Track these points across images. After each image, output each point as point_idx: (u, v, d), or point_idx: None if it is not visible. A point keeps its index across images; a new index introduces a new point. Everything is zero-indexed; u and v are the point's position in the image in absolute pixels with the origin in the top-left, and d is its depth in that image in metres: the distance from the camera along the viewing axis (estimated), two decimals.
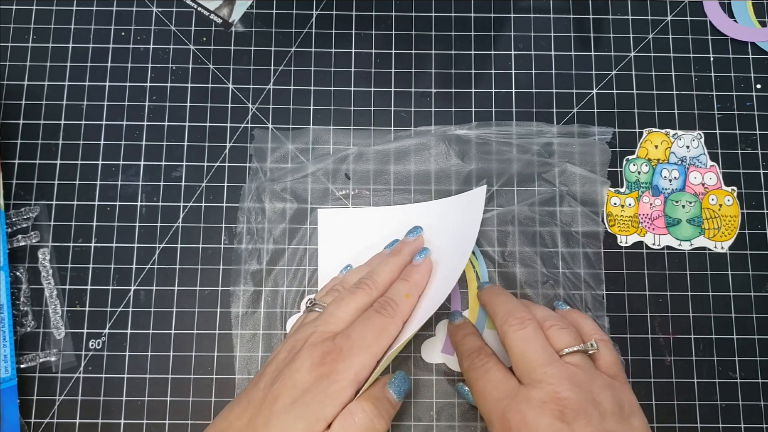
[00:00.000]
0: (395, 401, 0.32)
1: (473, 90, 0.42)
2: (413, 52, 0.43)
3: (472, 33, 0.43)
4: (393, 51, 0.43)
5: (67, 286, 0.39)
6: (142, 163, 0.41)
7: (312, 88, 0.42)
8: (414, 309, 0.34)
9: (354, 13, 0.43)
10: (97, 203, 0.40)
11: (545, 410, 0.29)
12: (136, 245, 0.40)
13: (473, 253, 0.39)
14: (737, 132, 0.42)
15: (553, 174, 0.41)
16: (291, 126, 0.41)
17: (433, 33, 0.43)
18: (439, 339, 0.38)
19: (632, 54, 0.43)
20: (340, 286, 0.36)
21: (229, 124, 0.41)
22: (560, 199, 0.40)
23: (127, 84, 0.42)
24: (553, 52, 0.43)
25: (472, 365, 0.33)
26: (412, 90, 0.42)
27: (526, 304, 0.35)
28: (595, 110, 0.42)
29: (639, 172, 0.41)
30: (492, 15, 0.43)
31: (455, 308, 0.39)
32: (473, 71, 0.43)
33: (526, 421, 0.29)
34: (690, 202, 0.41)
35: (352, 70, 0.42)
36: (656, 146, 0.42)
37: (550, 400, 0.29)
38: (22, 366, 0.38)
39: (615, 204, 0.41)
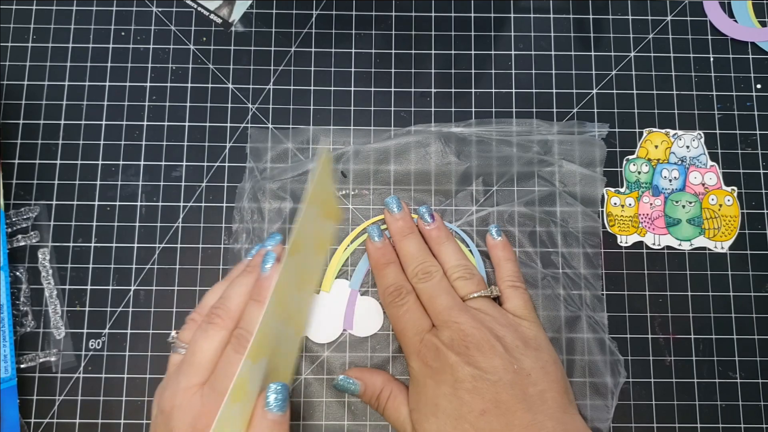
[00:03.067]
0: (280, 417, 0.30)
1: (473, 90, 0.42)
2: (413, 52, 0.43)
3: (472, 33, 0.43)
4: (393, 51, 0.43)
5: (67, 286, 0.39)
6: (142, 163, 0.41)
7: (312, 88, 0.42)
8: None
9: (354, 13, 0.43)
10: (97, 203, 0.40)
11: (453, 346, 0.33)
12: (136, 245, 0.40)
13: (471, 252, 0.39)
14: (737, 132, 0.42)
15: (551, 172, 0.41)
16: (291, 126, 0.41)
17: (433, 33, 0.43)
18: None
19: (632, 54, 0.43)
20: (197, 315, 0.34)
21: (229, 124, 0.41)
22: (558, 197, 0.40)
23: (127, 84, 0.42)
24: (553, 52, 0.43)
25: (393, 303, 0.36)
26: (412, 90, 0.42)
27: (438, 251, 0.37)
28: (595, 110, 0.42)
29: (639, 172, 0.41)
30: (492, 15, 0.43)
31: None
32: (473, 71, 0.43)
33: (438, 357, 0.33)
34: (690, 202, 0.41)
35: (352, 70, 0.42)
36: (656, 146, 0.42)
37: (457, 338, 0.33)
38: (22, 366, 0.38)
39: (615, 204, 0.41)
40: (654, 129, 0.42)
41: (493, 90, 0.42)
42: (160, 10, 0.43)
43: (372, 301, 0.39)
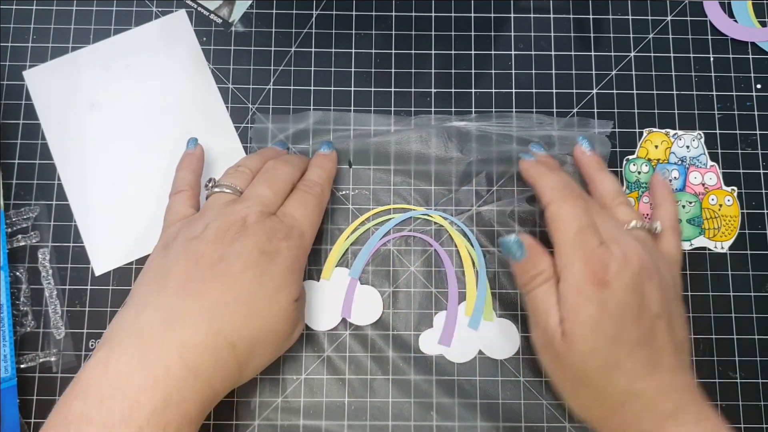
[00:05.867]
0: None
1: (473, 90, 0.42)
2: (413, 52, 0.43)
3: (472, 33, 0.43)
4: (393, 51, 0.43)
5: (67, 286, 0.39)
6: None
7: (312, 88, 0.42)
8: None
9: (354, 13, 0.43)
10: None
11: (625, 266, 0.31)
12: None
13: (470, 242, 0.40)
14: (737, 132, 0.42)
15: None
16: (291, 124, 0.41)
17: (433, 33, 0.43)
18: (437, 330, 0.39)
19: (632, 54, 0.43)
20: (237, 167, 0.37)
21: None
22: None
23: None
24: (553, 52, 0.43)
25: (563, 198, 0.33)
26: (412, 90, 0.42)
27: (598, 178, 0.37)
28: (595, 110, 0.42)
29: (639, 172, 0.41)
30: (492, 15, 0.43)
31: (452, 300, 0.39)
32: (473, 71, 0.43)
33: (608, 272, 0.31)
34: (690, 202, 0.41)
35: (352, 70, 0.42)
36: (656, 146, 0.42)
37: (632, 255, 0.31)
38: (22, 366, 0.38)
39: None
40: (654, 129, 0.42)
41: (493, 90, 0.42)
42: (160, 10, 0.43)
43: (371, 290, 0.39)
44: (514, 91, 0.42)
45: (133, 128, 0.41)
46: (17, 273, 0.39)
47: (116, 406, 0.27)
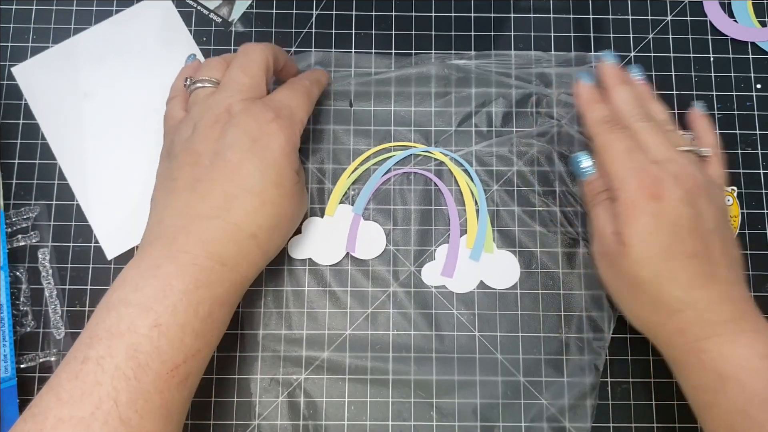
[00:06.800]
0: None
1: (473, 89, 0.42)
2: (413, 52, 0.43)
3: (472, 33, 0.43)
4: (393, 51, 0.43)
5: (67, 286, 0.39)
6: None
7: None
8: None
9: (354, 13, 0.43)
10: None
11: (678, 182, 0.32)
12: (136, 245, 0.40)
13: (470, 178, 0.40)
14: (737, 132, 0.42)
15: (550, 102, 0.41)
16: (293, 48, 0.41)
17: (433, 33, 0.43)
18: (439, 262, 0.39)
19: (632, 54, 0.43)
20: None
21: None
22: (558, 130, 0.41)
23: None
24: (553, 52, 0.43)
25: (611, 129, 0.34)
26: (412, 89, 0.42)
27: (647, 107, 0.36)
28: None
29: None
30: (492, 15, 0.43)
31: (454, 233, 0.39)
32: None
33: (662, 187, 0.32)
34: None
35: (352, 69, 0.42)
36: None
37: (683, 174, 0.32)
38: (22, 366, 0.38)
39: None
40: None
41: (493, 89, 0.42)
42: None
43: (374, 225, 0.40)
44: (514, 89, 0.42)
45: (128, 111, 0.41)
46: (17, 273, 0.39)
47: (150, 289, 0.29)
